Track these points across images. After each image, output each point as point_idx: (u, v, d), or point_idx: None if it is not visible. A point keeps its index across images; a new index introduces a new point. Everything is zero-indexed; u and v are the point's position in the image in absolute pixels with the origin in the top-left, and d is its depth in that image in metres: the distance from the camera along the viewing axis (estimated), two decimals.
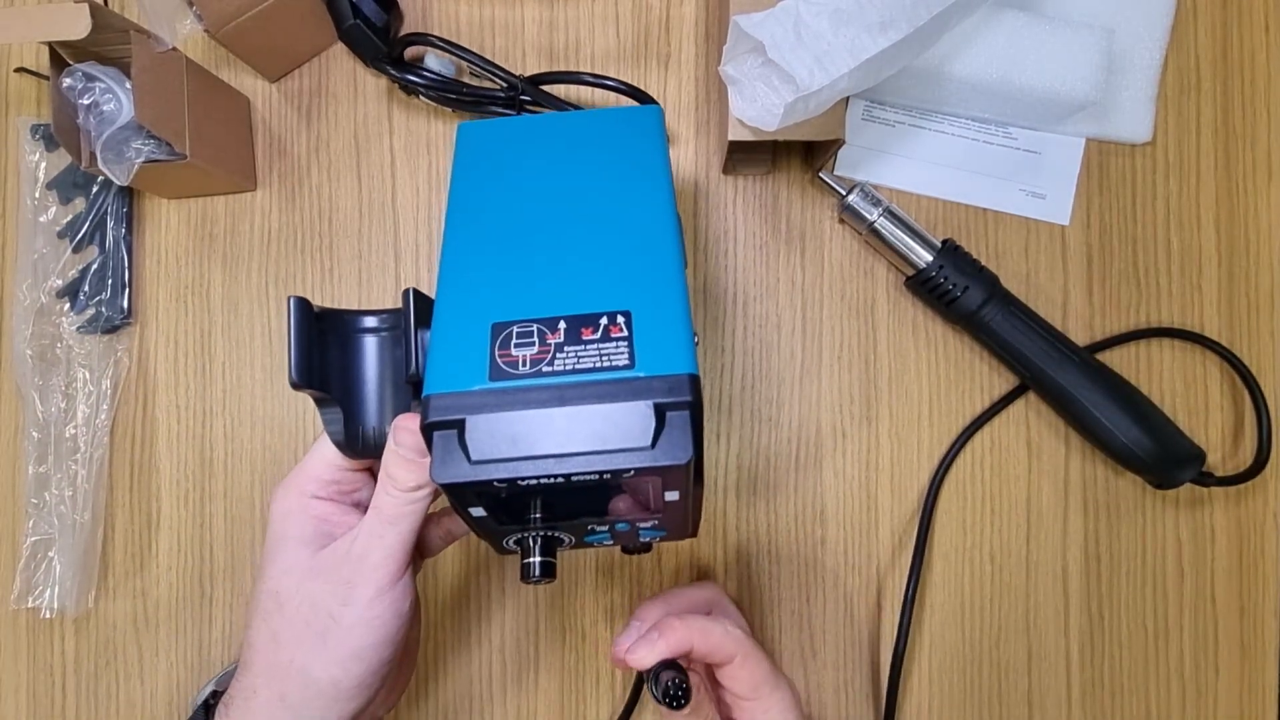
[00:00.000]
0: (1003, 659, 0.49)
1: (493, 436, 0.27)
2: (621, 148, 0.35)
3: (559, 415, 0.27)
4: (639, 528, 0.32)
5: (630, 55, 0.51)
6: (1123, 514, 0.50)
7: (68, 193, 0.51)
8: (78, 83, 0.43)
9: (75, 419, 0.51)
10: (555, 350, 0.28)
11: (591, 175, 0.35)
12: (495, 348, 0.28)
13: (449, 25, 0.51)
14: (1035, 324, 0.47)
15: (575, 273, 0.31)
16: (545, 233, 0.32)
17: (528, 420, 0.27)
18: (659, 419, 0.27)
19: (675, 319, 0.29)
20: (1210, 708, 0.49)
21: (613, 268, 0.31)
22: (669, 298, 0.30)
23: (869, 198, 0.48)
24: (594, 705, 0.49)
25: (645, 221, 0.32)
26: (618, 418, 0.27)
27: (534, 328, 0.29)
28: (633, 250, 0.31)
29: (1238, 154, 0.51)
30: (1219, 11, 0.51)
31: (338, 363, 0.34)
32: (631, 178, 0.34)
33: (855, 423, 0.50)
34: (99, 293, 0.51)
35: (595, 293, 0.30)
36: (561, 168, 0.35)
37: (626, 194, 0.34)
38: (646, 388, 0.27)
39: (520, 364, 0.28)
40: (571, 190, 0.34)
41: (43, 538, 0.50)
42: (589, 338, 0.28)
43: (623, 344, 0.28)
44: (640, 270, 0.31)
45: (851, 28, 0.39)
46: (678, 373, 0.27)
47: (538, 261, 0.31)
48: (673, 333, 0.29)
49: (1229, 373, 0.50)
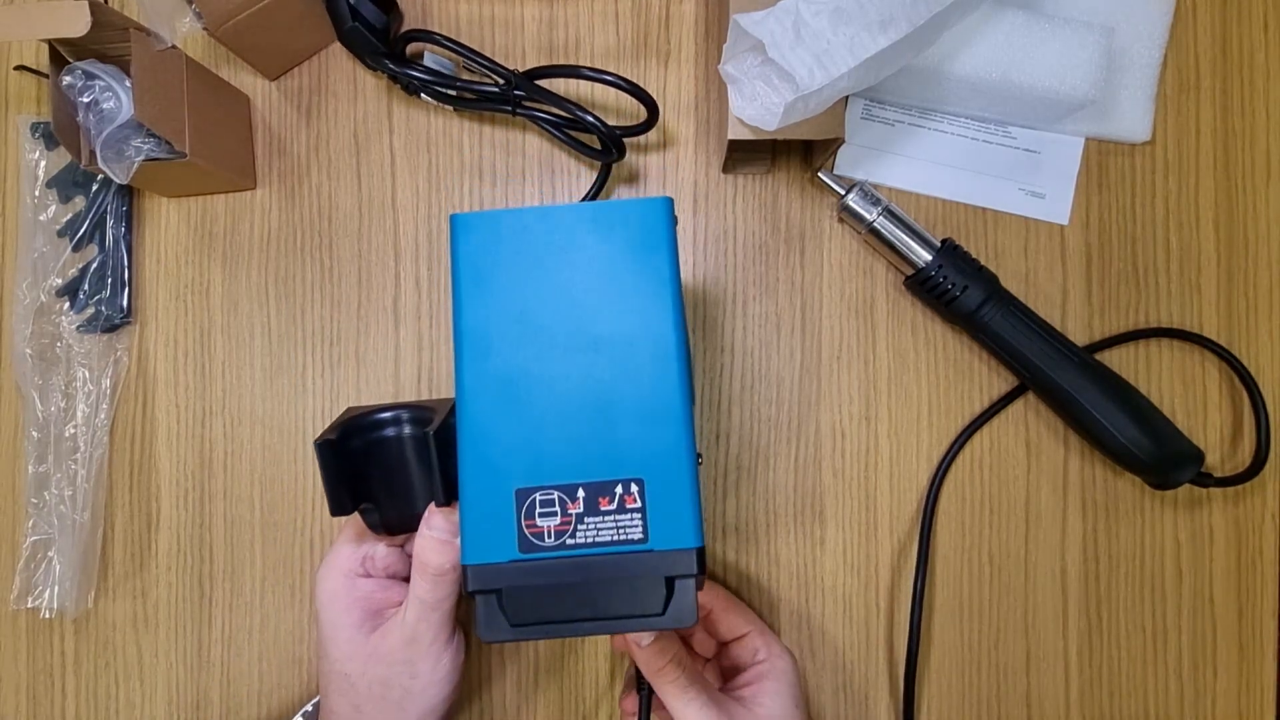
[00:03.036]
0: (1001, 660, 0.49)
1: (528, 605, 0.31)
2: (628, 255, 0.34)
3: (583, 589, 0.31)
4: None
5: (630, 53, 0.51)
6: (1121, 514, 0.50)
7: (68, 191, 0.51)
8: (77, 81, 0.43)
9: (75, 418, 0.51)
10: (576, 521, 0.32)
11: (598, 294, 0.34)
12: (521, 518, 0.32)
13: (449, 23, 0.51)
14: (1034, 324, 0.47)
15: (589, 431, 0.32)
16: (555, 373, 0.33)
17: (557, 593, 0.31)
18: (669, 589, 0.31)
19: (683, 489, 0.32)
20: (1209, 708, 0.49)
21: (625, 426, 0.32)
22: (678, 464, 0.32)
23: (868, 197, 0.48)
24: (594, 705, 0.49)
25: (653, 361, 0.33)
26: (635, 589, 0.31)
27: (555, 495, 0.32)
28: (644, 402, 0.33)
29: (1237, 153, 0.51)
30: (1218, 11, 0.51)
31: (368, 466, 0.37)
32: (639, 295, 0.34)
33: (854, 422, 0.50)
34: (99, 292, 0.51)
35: (609, 456, 0.32)
36: (566, 283, 0.34)
37: (635, 320, 0.33)
38: (659, 562, 0.31)
39: (546, 535, 0.32)
40: (578, 315, 0.34)
41: (42, 537, 0.50)
42: (606, 508, 0.32)
43: (637, 516, 0.32)
44: (651, 430, 0.32)
45: (851, 26, 0.39)
46: (686, 547, 0.31)
47: (552, 413, 0.33)
48: (681, 505, 0.32)
49: (1228, 373, 0.50)
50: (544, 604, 0.31)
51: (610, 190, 0.51)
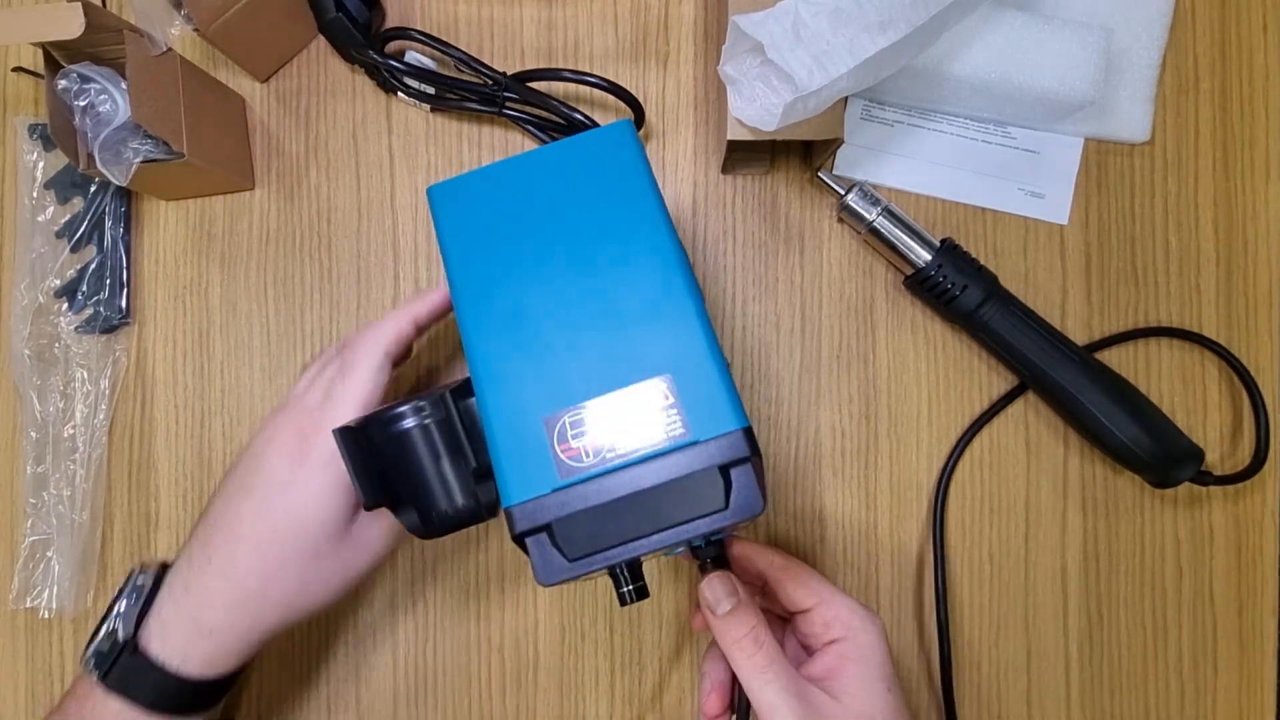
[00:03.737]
0: (1002, 657, 0.49)
1: (581, 533, 0.29)
2: (603, 182, 0.34)
3: (635, 499, 0.29)
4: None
5: (629, 55, 0.51)
6: (1121, 513, 0.50)
7: (65, 192, 0.51)
8: (73, 84, 0.43)
9: (73, 419, 0.51)
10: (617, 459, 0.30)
11: (583, 224, 0.34)
12: (555, 443, 0.30)
13: (447, 24, 0.51)
14: (1034, 323, 0.47)
15: (602, 342, 0.31)
16: (558, 301, 0.33)
17: (609, 511, 0.29)
18: (725, 479, 0.29)
19: (711, 371, 0.30)
20: (1209, 706, 0.49)
21: (635, 327, 0.31)
22: (699, 349, 0.31)
23: (868, 197, 0.48)
24: (594, 705, 0.49)
25: (652, 264, 0.32)
26: (689, 488, 0.29)
27: (584, 414, 0.30)
28: (649, 301, 0.32)
29: (1236, 154, 0.51)
30: (1217, 11, 0.51)
31: (395, 465, 0.35)
32: (624, 215, 0.33)
33: (854, 422, 0.50)
34: (97, 292, 0.51)
35: (629, 363, 0.31)
36: (550, 222, 0.34)
37: (624, 236, 0.33)
38: (707, 453, 0.29)
39: (583, 455, 0.30)
40: (568, 246, 0.33)
41: (41, 537, 0.50)
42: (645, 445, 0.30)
43: (672, 412, 0.30)
44: (662, 324, 0.31)
45: (851, 27, 0.39)
46: (731, 429, 0.29)
47: (561, 336, 0.32)
48: (714, 388, 0.30)
49: (1227, 372, 0.50)
50: (599, 528, 0.29)
51: None
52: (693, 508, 0.29)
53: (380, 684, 0.50)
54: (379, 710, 0.49)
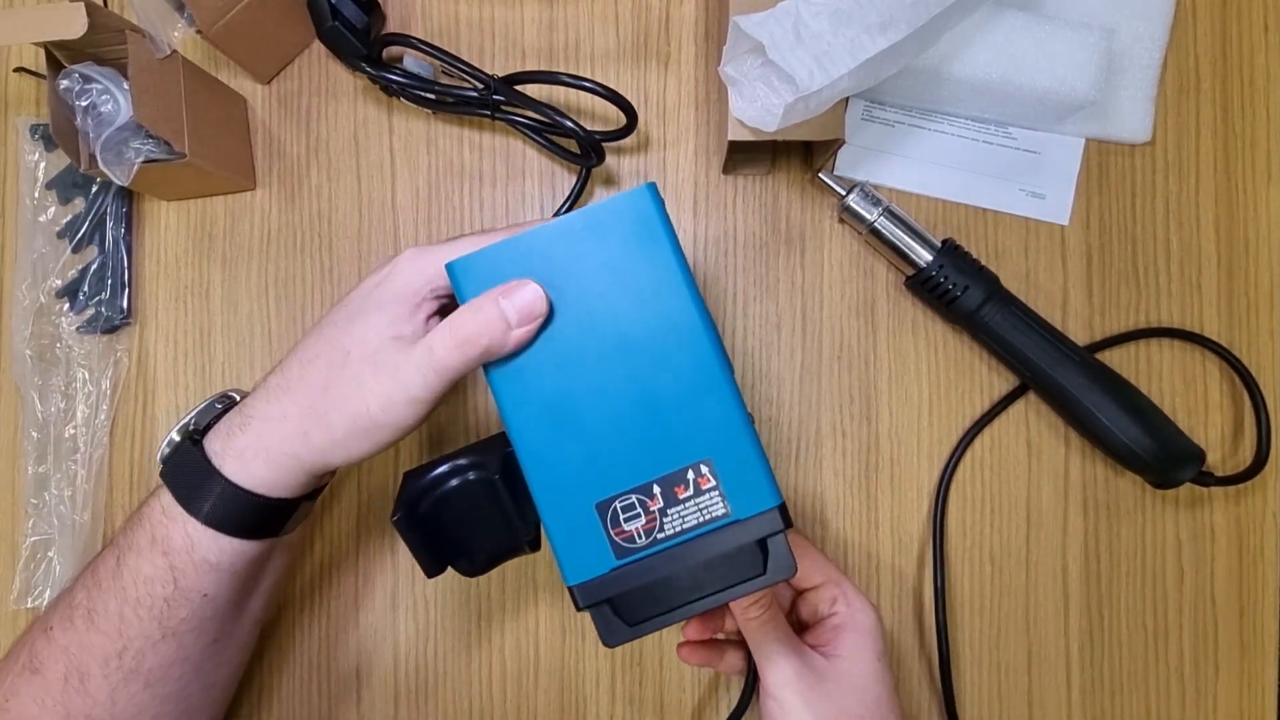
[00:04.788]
0: (1002, 658, 0.49)
1: (638, 603, 0.33)
2: (629, 254, 0.34)
3: (685, 573, 0.33)
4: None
5: (630, 55, 0.51)
6: (1122, 514, 0.50)
7: (67, 193, 0.51)
8: (75, 84, 0.43)
9: (75, 419, 0.51)
10: (660, 516, 0.33)
11: (613, 301, 0.34)
12: (609, 527, 0.33)
13: (448, 25, 0.51)
14: (1035, 324, 0.47)
15: (646, 429, 0.33)
16: (598, 386, 0.34)
17: (662, 585, 0.33)
18: (763, 549, 0.33)
19: (749, 455, 0.33)
20: (1210, 707, 0.49)
21: (675, 410, 0.33)
22: (737, 434, 0.33)
23: (869, 198, 0.48)
24: (594, 705, 0.49)
25: (684, 342, 0.33)
26: (732, 559, 0.33)
27: (634, 499, 0.33)
28: (687, 385, 0.33)
29: (1237, 154, 0.51)
30: (1218, 12, 0.51)
31: (442, 522, 0.38)
32: (653, 290, 0.34)
33: (855, 423, 0.50)
34: (98, 293, 0.51)
35: (672, 446, 0.33)
36: (578, 300, 0.34)
37: (655, 313, 0.33)
38: (747, 529, 0.33)
39: (636, 537, 0.33)
40: (603, 324, 0.34)
41: (42, 538, 0.50)
42: (684, 495, 0.33)
43: (715, 494, 0.33)
44: (700, 406, 0.33)
45: (851, 28, 0.39)
46: (768, 508, 0.33)
47: (605, 423, 0.33)
48: (752, 471, 0.33)
49: (1228, 372, 0.50)
50: (653, 599, 0.33)
51: (605, 193, 0.51)
52: (735, 575, 0.33)
53: (381, 683, 0.50)
54: (379, 710, 0.49)
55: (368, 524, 0.50)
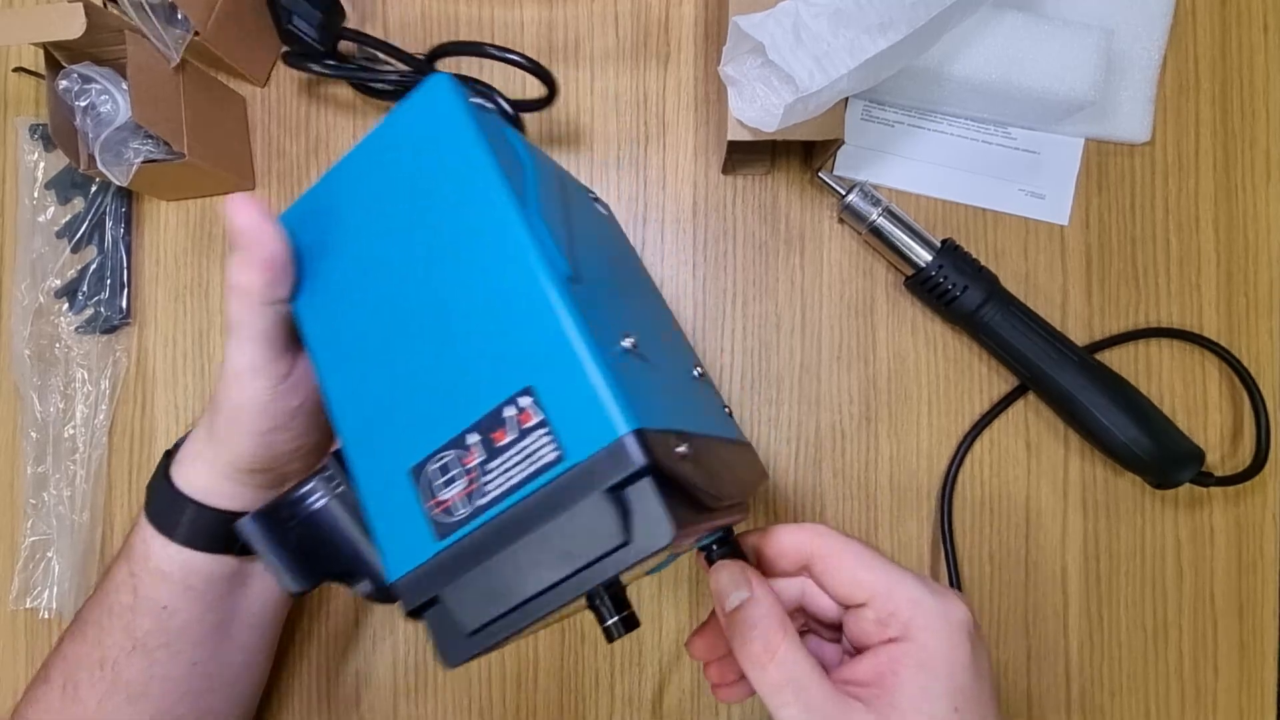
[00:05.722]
0: (1002, 659, 0.49)
1: (473, 599, 0.24)
2: (432, 162, 0.28)
3: (522, 551, 0.24)
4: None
5: (629, 55, 0.51)
6: (1122, 514, 0.50)
7: (66, 193, 0.51)
8: (73, 85, 0.43)
9: (74, 419, 0.51)
10: (480, 474, 0.24)
11: (419, 224, 0.28)
12: (423, 499, 0.25)
13: (447, 25, 0.51)
14: (1034, 324, 0.47)
15: (460, 365, 0.25)
16: (404, 325, 0.27)
17: (496, 569, 0.24)
18: (619, 504, 0.23)
19: (581, 374, 0.23)
20: (1209, 707, 0.49)
21: (495, 338, 0.25)
22: (563, 350, 0.24)
23: (868, 197, 0.48)
24: (594, 705, 0.49)
25: (503, 253, 0.26)
26: (579, 524, 0.23)
27: (447, 456, 0.25)
28: (502, 302, 0.25)
29: (1236, 154, 0.51)
30: (1218, 12, 0.51)
31: (322, 541, 0.31)
32: (462, 198, 0.27)
33: (855, 423, 0.50)
34: (97, 293, 0.51)
35: (487, 379, 0.25)
36: (383, 229, 0.28)
37: (467, 225, 0.26)
38: (589, 475, 0.23)
39: (455, 507, 0.25)
40: (406, 255, 0.28)
41: (41, 538, 0.50)
42: (504, 442, 0.24)
43: (542, 434, 0.24)
44: (520, 327, 0.25)
45: (851, 29, 0.39)
46: (613, 439, 0.23)
47: (417, 365, 0.26)
48: (585, 390, 0.23)
49: (1228, 373, 0.50)
50: (492, 591, 0.24)
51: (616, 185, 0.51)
52: (592, 547, 0.23)
53: (380, 683, 0.50)
54: (379, 710, 0.49)
55: None
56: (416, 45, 0.51)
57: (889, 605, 0.29)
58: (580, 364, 0.23)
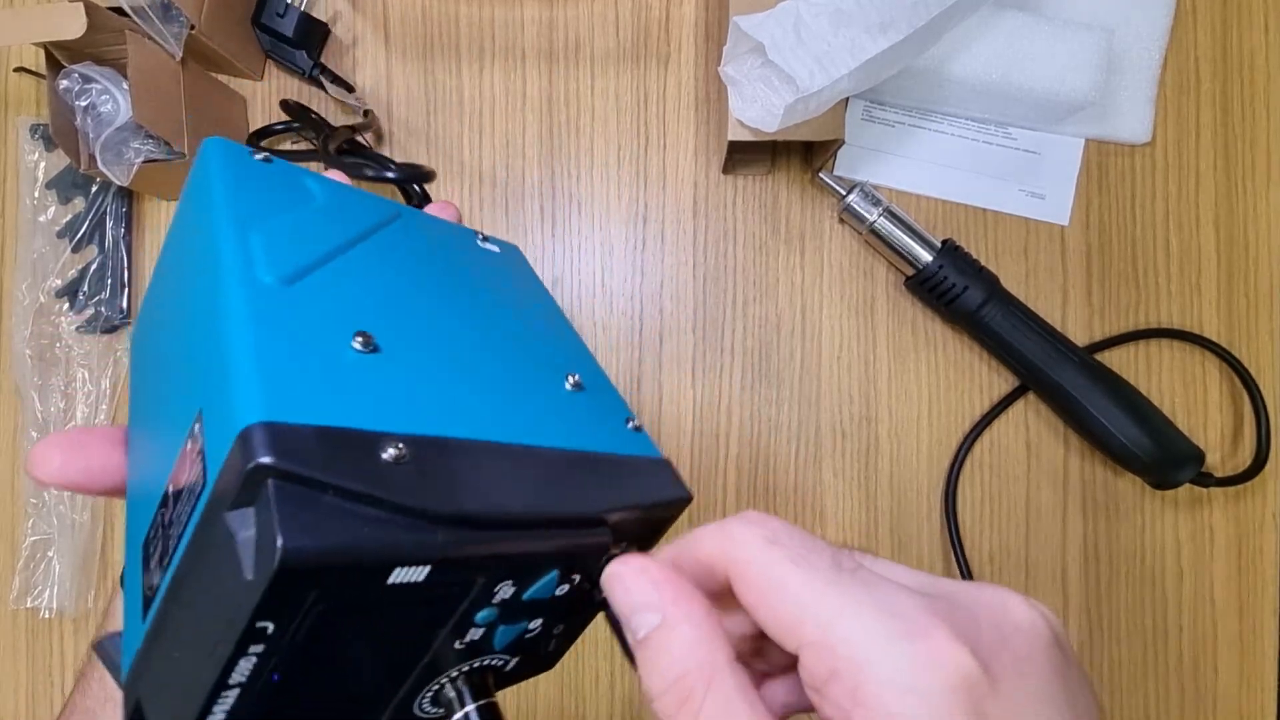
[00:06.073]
0: None
1: (164, 703, 0.19)
2: (190, 216, 0.26)
3: (179, 630, 0.18)
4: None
5: (630, 55, 0.51)
6: (1122, 514, 0.50)
7: (67, 192, 0.51)
8: (74, 85, 0.43)
9: (74, 418, 0.51)
10: (166, 530, 0.19)
11: (179, 272, 0.25)
12: (143, 567, 0.20)
13: (448, 25, 0.51)
14: (1034, 324, 0.47)
15: (174, 410, 0.21)
16: (158, 383, 0.24)
17: (168, 656, 0.19)
18: (232, 541, 0.16)
19: (226, 367, 0.18)
20: (1209, 707, 0.49)
21: (194, 364, 0.21)
22: (223, 345, 0.19)
23: (869, 198, 0.48)
24: (594, 705, 0.49)
25: (209, 278, 0.21)
26: (207, 579, 0.17)
27: (157, 524, 0.20)
28: (201, 324, 0.21)
29: (1237, 154, 0.51)
30: (1218, 12, 0.51)
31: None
32: (199, 241, 0.23)
33: (855, 423, 0.50)
34: (98, 293, 0.51)
35: (182, 418, 0.20)
36: (167, 288, 0.26)
37: (198, 266, 0.23)
38: (219, 497, 0.17)
39: (151, 585, 0.19)
40: (170, 311, 0.25)
41: (42, 538, 0.50)
42: (179, 484, 0.19)
43: (196, 471, 0.18)
44: (206, 338, 0.20)
45: (852, 28, 0.39)
46: (233, 438, 0.17)
47: (156, 427, 0.22)
48: (224, 390, 0.18)
49: (1228, 373, 0.50)
50: (174, 684, 0.18)
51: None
52: (223, 601, 0.17)
53: None
54: None
55: None
56: (417, 46, 0.51)
57: (824, 658, 0.18)
58: (227, 361, 0.18)
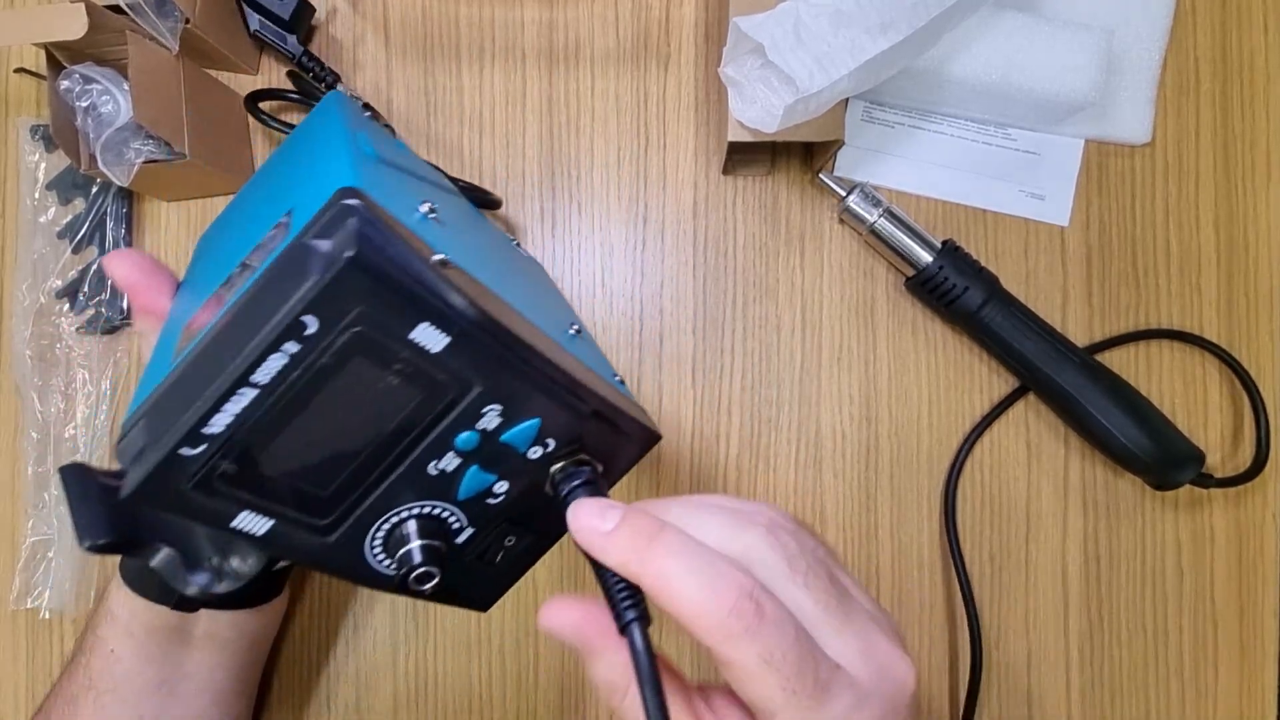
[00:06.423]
0: (1002, 659, 0.49)
1: (170, 410, 0.20)
2: (305, 145, 0.30)
3: (227, 336, 0.20)
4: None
5: (630, 56, 0.51)
6: (1122, 515, 0.50)
7: (67, 193, 0.51)
8: (75, 85, 0.43)
9: (75, 419, 0.51)
10: (227, 294, 0.22)
11: (281, 164, 0.30)
12: (182, 336, 0.23)
13: (448, 25, 0.51)
14: (1035, 325, 0.47)
15: (252, 234, 0.25)
16: (240, 228, 0.27)
17: (198, 364, 0.21)
18: (309, 250, 0.20)
19: (334, 171, 0.23)
20: (1210, 708, 0.49)
21: (281, 198, 0.25)
22: (332, 167, 0.23)
23: (869, 198, 0.48)
24: (594, 706, 0.49)
25: (317, 158, 0.26)
26: (276, 286, 0.20)
27: (213, 296, 0.23)
28: (300, 176, 0.26)
29: (1237, 155, 0.51)
30: (1218, 12, 0.51)
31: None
32: (312, 157, 0.28)
33: (855, 423, 0.50)
34: (98, 293, 0.51)
35: (265, 227, 0.24)
36: (261, 178, 0.31)
37: (303, 166, 0.27)
38: (298, 238, 0.20)
39: (194, 332, 0.22)
40: (265, 185, 0.29)
41: (42, 538, 0.50)
42: (254, 260, 0.22)
43: (282, 234, 0.22)
44: (309, 173, 0.25)
45: (851, 29, 0.39)
46: (329, 196, 0.21)
47: (224, 260, 0.25)
48: (327, 179, 0.22)
49: (1228, 374, 0.50)
50: (176, 403, 0.21)
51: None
52: (281, 296, 0.20)
53: (380, 684, 0.50)
54: (379, 710, 0.49)
55: None
56: (417, 46, 0.51)
57: (728, 676, 0.21)
58: (330, 168, 0.22)
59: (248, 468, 0.21)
